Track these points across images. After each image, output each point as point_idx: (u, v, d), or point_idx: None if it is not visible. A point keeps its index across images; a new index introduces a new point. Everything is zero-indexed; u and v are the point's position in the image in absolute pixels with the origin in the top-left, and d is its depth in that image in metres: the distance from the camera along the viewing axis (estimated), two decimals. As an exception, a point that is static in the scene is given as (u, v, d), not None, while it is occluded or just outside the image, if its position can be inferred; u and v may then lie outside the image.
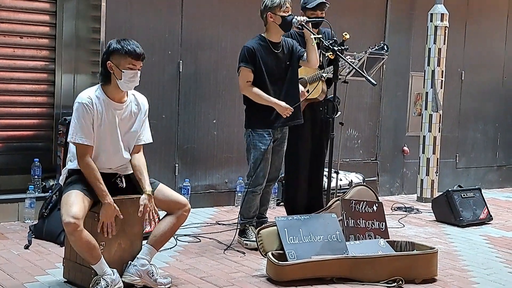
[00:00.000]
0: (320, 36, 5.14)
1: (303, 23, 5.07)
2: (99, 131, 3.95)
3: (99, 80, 4.03)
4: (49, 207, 5.11)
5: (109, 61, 3.93)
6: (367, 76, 5.15)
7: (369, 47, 5.68)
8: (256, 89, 5.12)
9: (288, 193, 5.94)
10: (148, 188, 3.99)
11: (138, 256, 4.04)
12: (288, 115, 5.11)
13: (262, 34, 5.22)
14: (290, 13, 5.10)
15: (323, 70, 5.53)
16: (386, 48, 5.77)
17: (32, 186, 5.59)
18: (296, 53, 5.27)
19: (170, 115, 6.38)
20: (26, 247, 4.81)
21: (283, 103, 5.09)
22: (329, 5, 5.68)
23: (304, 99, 5.49)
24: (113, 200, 3.88)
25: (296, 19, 5.06)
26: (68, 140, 3.93)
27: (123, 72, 3.91)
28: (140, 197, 3.99)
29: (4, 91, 5.81)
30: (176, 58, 6.39)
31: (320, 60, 5.57)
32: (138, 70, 3.96)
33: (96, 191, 3.86)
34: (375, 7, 7.82)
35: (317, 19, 5.43)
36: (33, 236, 5.03)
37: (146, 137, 4.20)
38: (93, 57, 5.98)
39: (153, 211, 3.98)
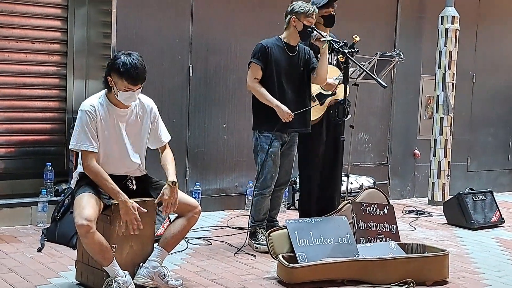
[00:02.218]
0: (330, 38, 5.15)
1: (320, 33, 5.10)
2: (104, 137, 3.98)
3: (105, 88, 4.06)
4: (61, 210, 5.15)
5: (109, 77, 3.95)
6: (377, 78, 5.15)
7: (386, 52, 5.71)
8: (261, 88, 5.13)
9: (302, 196, 5.93)
10: (170, 178, 4.05)
11: (149, 258, 4.07)
12: (288, 121, 5.09)
13: (280, 36, 5.25)
14: (312, 25, 5.13)
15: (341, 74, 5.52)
16: (401, 55, 5.81)
17: (45, 190, 5.63)
18: (310, 64, 5.29)
19: (180, 120, 6.40)
20: (39, 250, 4.85)
21: (284, 107, 5.08)
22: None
23: (332, 99, 5.50)
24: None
25: (315, 32, 5.11)
26: (71, 148, 3.96)
27: (120, 92, 3.92)
28: (153, 200, 4.08)
29: (16, 96, 5.87)
30: (186, 62, 6.42)
31: (333, 64, 5.59)
32: (136, 90, 3.95)
33: (108, 192, 3.89)
34: (385, 11, 7.82)
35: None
36: (46, 239, 5.06)
37: (165, 136, 4.27)
38: (104, 62, 5.96)
39: (172, 203, 4.00)
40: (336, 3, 5.65)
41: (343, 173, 5.44)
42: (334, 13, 5.64)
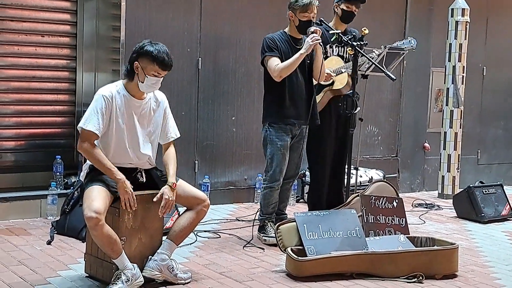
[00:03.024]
0: (339, 31, 5.13)
1: (314, 38, 5.03)
2: (118, 126, 3.99)
3: (124, 75, 4.06)
4: (70, 203, 5.17)
5: (137, 62, 3.96)
6: (386, 71, 5.13)
7: (396, 41, 5.66)
8: (282, 63, 5.03)
9: (311, 189, 5.92)
10: (170, 179, 4.05)
11: (158, 251, 4.08)
12: (317, 40, 4.95)
13: (285, 30, 5.24)
14: (310, 19, 5.08)
15: (343, 65, 5.50)
16: (412, 42, 5.75)
17: (54, 183, 5.66)
18: (313, 56, 5.26)
19: (189, 112, 6.41)
20: (49, 242, 4.87)
21: (303, 48, 4.98)
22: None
23: (329, 89, 5.47)
24: (135, 195, 3.92)
25: (310, 30, 5.03)
26: (79, 125, 3.92)
27: (147, 77, 3.95)
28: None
29: (26, 89, 5.89)
30: (195, 55, 6.42)
31: (344, 56, 5.57)
32: (161, 77, 4.01)
33: (105, 172, 3.89)
34: (395, 3, 7.79)
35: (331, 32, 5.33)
36: (55, 232, 5.08)
37: (174, 132, 4.28)
38: (113, 55, 6.02)
39: (169, 203, 3.99)
40: (362, 6, 5.60)
41: (352, 166, 5.42)
42: (355, 12, 5.57)
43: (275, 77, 5.08)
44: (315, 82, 5.37)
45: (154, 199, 3.99)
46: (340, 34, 5.10)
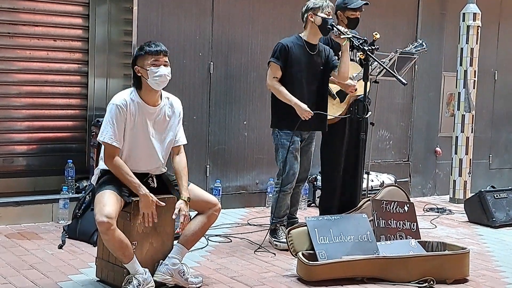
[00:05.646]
0: (350, 36, 5.13)
1: (339, 29, 5.07)
2: (132, 133, 3.99)
3: (134, 87, 4.05)
4: (82, 207, 5.18)
5: (136, 66, 3.99)
6: (397, 75, 5.12)
7: (409, 44, 5.66)
8: (280, 86, 5.13)
9: (323, 194, 5.90)
10: (185, 194, 4.04)
11: (169, 255, 4.08)
12: (308, 118, 5.07)
13: (300, 34, 5.25)
14: (358, 17, 5.17)
15: (361, 71, 5.49)
16: (424, 45, 5.75)
17: (66, 187, 5.68)
18: (330, 62, 5.27)
19: (201, 117, 6.42)
20: (60, 247, 4.88)
21: (303, 105, 5.06)
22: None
23: (352, 95, 5.48)
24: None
25: (334, 24, 5.09)
26: (98, 139, 3.97)
27: (148, 70, 3.94)
28: (173, 197, 4.09)
29: (38, 94, 5.92)
30: (207, 60, 6.43)
31: (356, 61, 5.57)
32: (164, 65, 3.97)
33: (128, 185, 3.91)
34: (406, 8, 7.77)
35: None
36: (67, 236, 5.10)
37: (182, 138, 4.26)
38: (125, 60, 6.04)
39: (187, 218, 4.02)
40: (373, 10, 5.65)
41: (364, 170, 5.41)
42: (359, 17, 5.62)
43: (266, 84, 5.24)
44: (334, 88, 5.39)
45: (173, 217, 3.99)
46: (351, 39, 5.10)
